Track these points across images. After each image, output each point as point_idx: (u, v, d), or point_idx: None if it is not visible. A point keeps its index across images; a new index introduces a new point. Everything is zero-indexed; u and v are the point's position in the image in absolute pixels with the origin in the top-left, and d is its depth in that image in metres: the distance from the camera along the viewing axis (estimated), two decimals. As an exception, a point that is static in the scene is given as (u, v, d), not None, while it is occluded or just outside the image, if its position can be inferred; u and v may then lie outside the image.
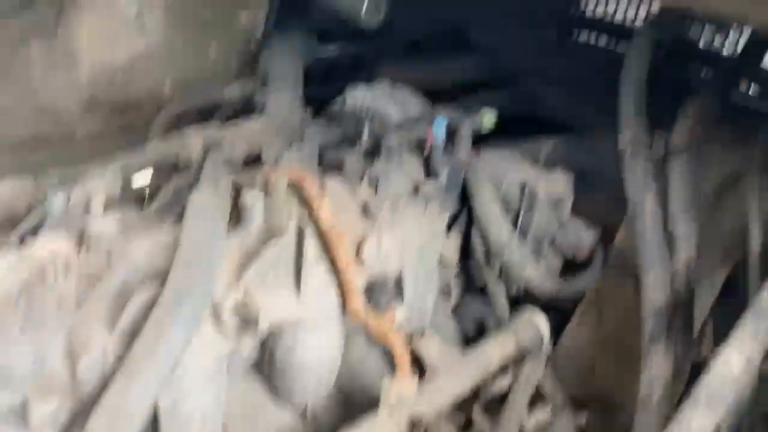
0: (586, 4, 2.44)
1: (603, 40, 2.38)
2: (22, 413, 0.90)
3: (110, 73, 1.85)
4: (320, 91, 2.48)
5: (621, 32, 2.32)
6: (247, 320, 1.07)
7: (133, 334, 0.95)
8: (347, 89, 2.08)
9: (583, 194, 1.77)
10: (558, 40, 2.05)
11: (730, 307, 1.34)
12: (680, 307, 1.31)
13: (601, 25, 2.34)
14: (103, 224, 1.05)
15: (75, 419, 0.93)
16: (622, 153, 1.45)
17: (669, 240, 1.37)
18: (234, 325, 1.08)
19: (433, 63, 2.49)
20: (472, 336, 1.72)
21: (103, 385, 0.91)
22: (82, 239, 1.06)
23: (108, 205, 1.24)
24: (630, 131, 1.44)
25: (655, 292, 1.29)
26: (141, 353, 0.91)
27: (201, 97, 1.78)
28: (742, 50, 1.80)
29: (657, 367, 1.24)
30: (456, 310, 1.77)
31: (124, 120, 1.95)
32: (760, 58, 1.76)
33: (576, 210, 1.69)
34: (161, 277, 1.02)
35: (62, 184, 1.24)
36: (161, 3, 1.89)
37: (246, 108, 1.84)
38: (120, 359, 0.93)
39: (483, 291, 1.65)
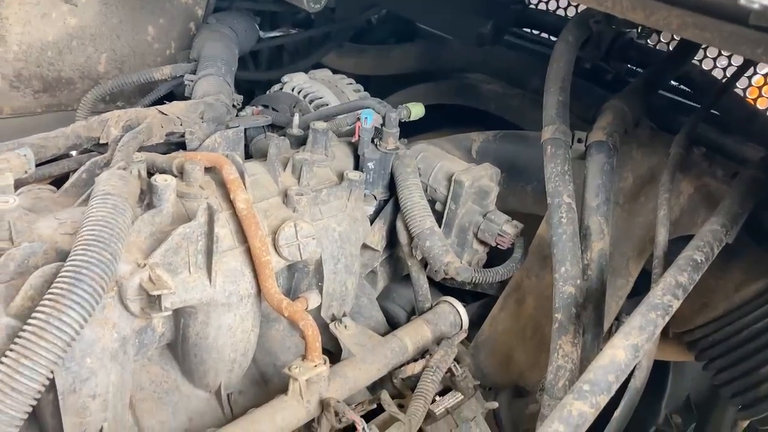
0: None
1: (544, 35, 2.41)
2: None
3: (39, 50, 1.82)
4: (266, 75, 2.49)
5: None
6: (151, 301, 1.07)
7: (28, 312, 0.94)
8: (286, 75, 2.08)
9: (513, 187, 1.80)
10: (498, 33, 2.06)
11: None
12: (591, 298, 1.34)
13: (543, 20, 2.36)
14: (5, 203, 1.03)
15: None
16: (543, 149, 1.47)
17: (584, 234, 1.40)
18: (140, 305, 1.08)
19: (378, 52, 2.50)
20: (404, 321, 1.74)
21: (-5, 362, 0.90)
22: (-16, 215, 1.05)
23: (19, 184, 1.23)
24: (551, 128, 1.47)
25: (566, 284, 1.32)
26: (34, 331, 0.90)
27: (134, 76, 1.76)
28: (673, 50, 1.84)
29: (563, 357, 1.27)
30: (387, 296, 1.80)
31: (55, 98, 1.92)
32: (688, 57, 1.80)
33: (505, 202, 1.72)
34: (64, 256, 1.01)
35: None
36: (95, -20, 1.86)
37: (177, 89, 1.83)
38: (13, 337, 0.92)
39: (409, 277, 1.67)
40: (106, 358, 1.06)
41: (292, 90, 2.00)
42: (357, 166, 1.59)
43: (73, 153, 1.46)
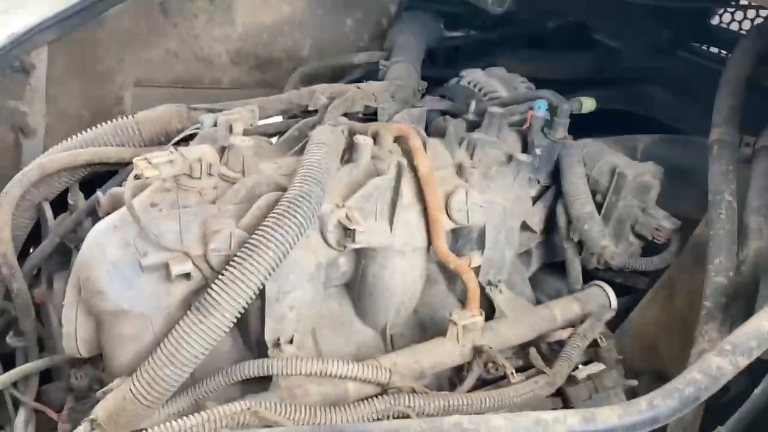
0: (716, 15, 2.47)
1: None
2: (165, 269, 1.15)
3: (258, 32, 2.12)
4: (442, 73, 2.68)
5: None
6: (346, 235, 1.28)
7: (254, 228, 1.17)
8: (464, 71, 2.26)
9: (674, 192, 1.85)
10: (675, 44, 2.12)
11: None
12: (741, 293, 1.39)
13: (723, 37, 2.37)
14: (242, 141, 1.28)
15: (203, 281, 1.18)
16: (710, 149, 1.54)
17: (743, 232, 1.45)
18: (336, 237, 1.29)
19: (550, 57, 2.61)
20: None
21: (227, 261, 1.14)
22: (223, 152, 1.30)
23: (246, 133, 1.48)
24: (720, 128, 1.53)
25: (718, 275, 1.38)
26: (258, 241, 1.13)
27: (333, 60, 2.01)
28: None
29: (708, 342, 1.33)
30: (535, 285, 1.91)
31: (264, 75, 2.21)
32: None
33: (665, 206, 1.78)
34: (282, 189, 1.24)
35: (211, 112, 1.50)
36: (309, -23, 2.14)
37: (370, 74, 2.06)
38: (241, 245, 1.15)
39: (562, 268, 1.78)
40: (305, 278, 1.28)
41: (468, 83, 2.17)
42: (525, 152, 1.72)
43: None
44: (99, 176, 1.59)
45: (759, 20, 2.26)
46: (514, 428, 0.89)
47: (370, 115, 1.71)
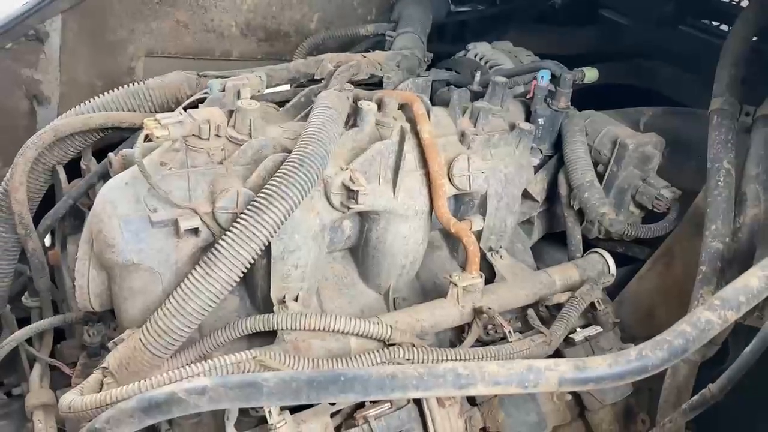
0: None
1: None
2: (174, 225, 1.19)
3: (267, 4, 2.14)
4: (450, 49, 2.70)
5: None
6: (350, 197, 1.31)
7: (260, 187, 1.21)
8: (471, 43, 2.27)
9: (675, 162, 1.87)
10: (679, 16, 2.14)
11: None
12: (737, 258, 1.41)
13: (730, 12, 2.37)
14: (249, 105, 1.32)
15: (211, 238, 1.22)
16: (710, 118, 1.56)
17: (740, 199, 1.47)
18: (340, 199, 1.33)
19: (556, 32, 2.63)
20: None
21: (234, 219, 1.18)
22: (231, 115, 1.34)
23: (253, 98, 1.51)
24: (720, 98, 1.55)
25: (714, 240, 1.40)
26: (264, 199, 1.17)
27: (341, 31, 2.03)
28: None
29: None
30: (538, 256, 1.94)
31: (273, 48, 2.24)
32: None
33: (665, 176, 1.80)
34: (287, 151, 1.28)
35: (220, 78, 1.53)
36: (319, -50, 2.16)
37: (377, 46, 2.08)
38: (248, 203, 1.19)
39: (564, 239, 1.80)
40: (309, 237, 1.32)
41: (475, 56, 2.19)
42: (528, 122, 1.75)
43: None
44: (111, 145, 1.63)
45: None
46: (507, 374, 0.93)
47: (376, 85, 1.74)
